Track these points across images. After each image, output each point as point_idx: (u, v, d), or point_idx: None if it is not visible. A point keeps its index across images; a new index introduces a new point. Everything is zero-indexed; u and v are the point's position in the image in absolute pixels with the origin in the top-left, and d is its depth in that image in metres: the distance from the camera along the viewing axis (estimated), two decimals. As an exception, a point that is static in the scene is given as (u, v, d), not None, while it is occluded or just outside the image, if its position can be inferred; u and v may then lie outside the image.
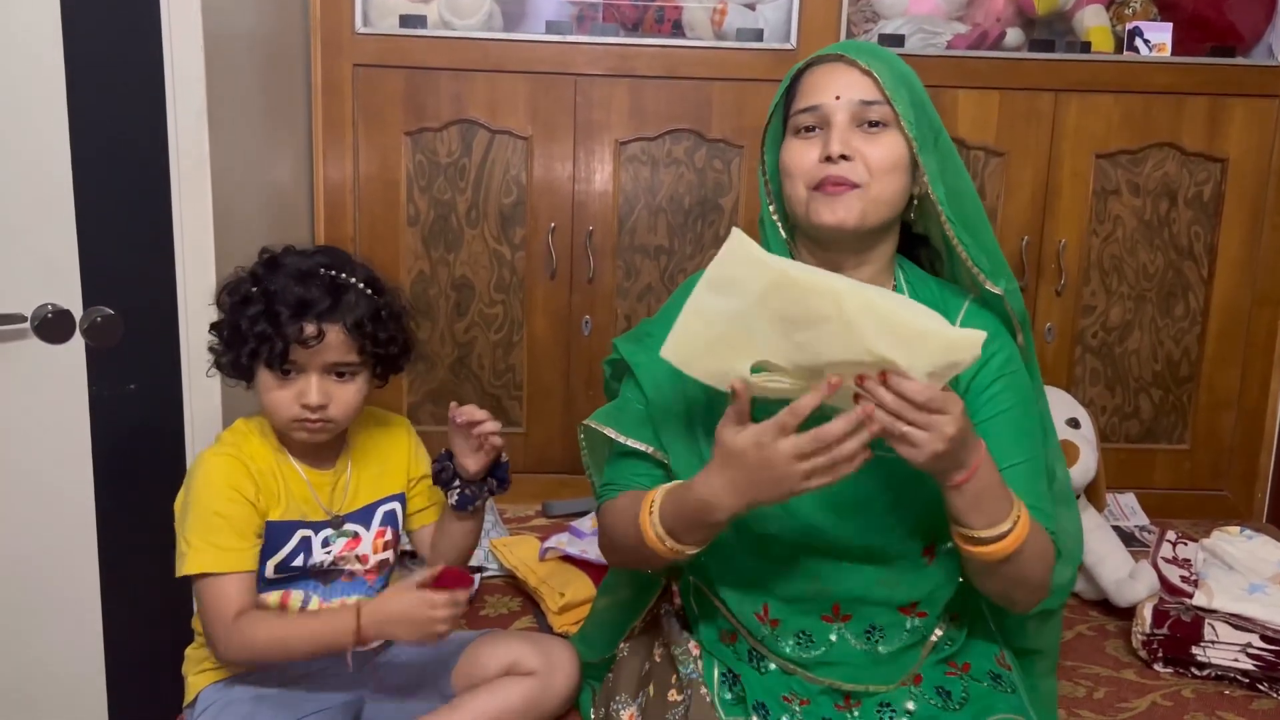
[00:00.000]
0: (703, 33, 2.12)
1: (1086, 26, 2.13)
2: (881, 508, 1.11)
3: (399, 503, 1.34)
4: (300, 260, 1.22)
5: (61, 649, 1.51)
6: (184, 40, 1.44)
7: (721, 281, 1.00)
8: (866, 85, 1.11)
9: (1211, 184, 2.12)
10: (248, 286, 1.21)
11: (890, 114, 1.11)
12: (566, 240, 2.09)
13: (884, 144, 1.11)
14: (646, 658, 1.26)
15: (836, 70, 1.13)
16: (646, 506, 1.09)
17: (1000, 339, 1.17)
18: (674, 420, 1.18)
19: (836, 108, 1.11)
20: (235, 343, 1.20)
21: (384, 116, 2.03)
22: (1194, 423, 2.21)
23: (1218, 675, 1.53)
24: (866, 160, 1.10)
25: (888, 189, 1.11)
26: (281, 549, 1.24)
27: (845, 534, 1.12)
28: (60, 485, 1.47)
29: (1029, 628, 1.27)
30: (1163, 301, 2.17)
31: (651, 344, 1.20)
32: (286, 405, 1.21)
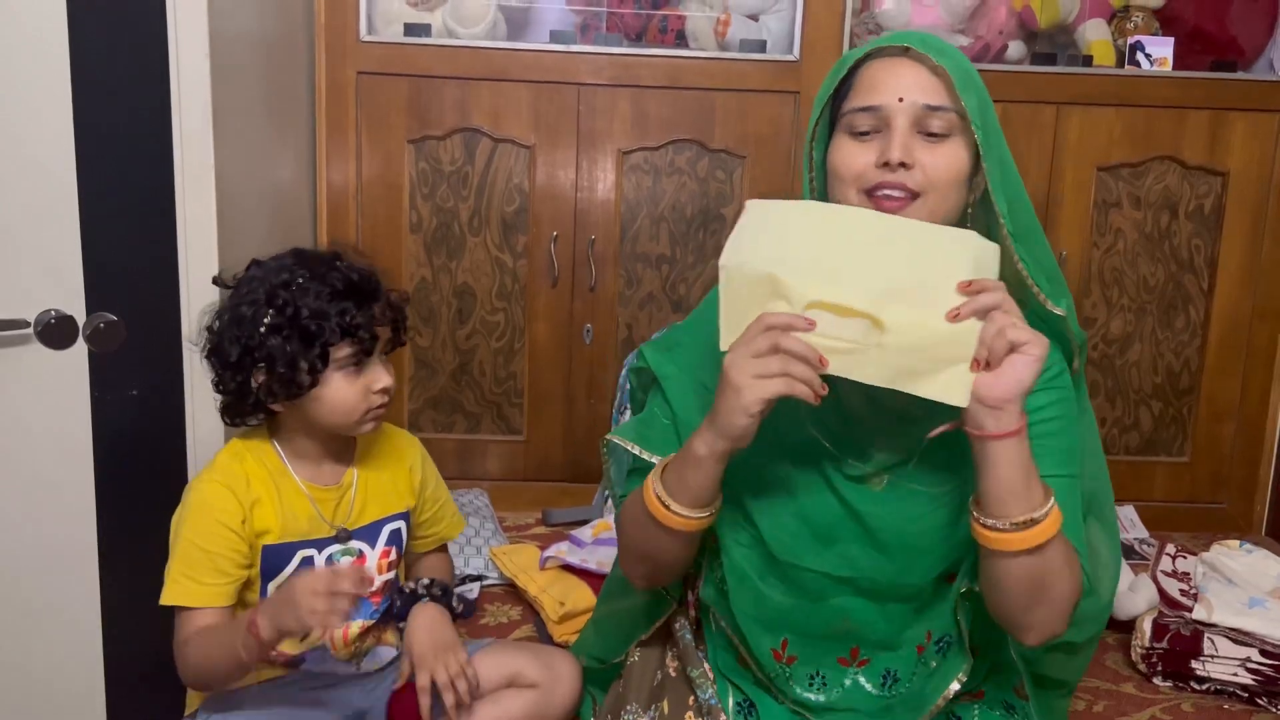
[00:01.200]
0: (706, 43, 2.12)
1: (1088, 40, 2.14)
2: (920, 542, 1.05)
3: (404, 521, 1.32)
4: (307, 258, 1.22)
5: (61, 655, 1.50)
6: (190, 45, 1.44)
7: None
8: (934, 86, 1.00)
9: (1212, 197, 2.13)
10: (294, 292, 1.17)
11: (955, 120, 1.00)
12: (569, 248, 2.09)
13: (947, 153, 1.00)
14: (658, 667, 1.23)
15: (900, 66, 1.02)
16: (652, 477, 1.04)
17: (1055, 356, 1.08)
18: None
19: (899, 110, 1.00)
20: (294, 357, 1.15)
21: (387, 124, 2.04)
22: (1194, 435, 2.22)
23: (1217, 689, 1.53)
24: (927, 170, 1.00)
25: (946, 201, 1.01)
26: (282, 571, 1.22)
27: (884, 571, 1.07)
28: (62, 491, 1.47)
29: (1057, 659, 1.22)
30: (1163, 314, 2.17)
31: (681, 354, 1.15)
32: (358, 399, 1.20)
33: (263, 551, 1.21)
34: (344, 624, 1.16)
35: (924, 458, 1.04)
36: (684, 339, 1.16)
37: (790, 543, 1.07)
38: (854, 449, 1.03)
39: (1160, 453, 2.23)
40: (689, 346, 1.13)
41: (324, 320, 1.16)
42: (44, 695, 1.50)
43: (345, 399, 1.19)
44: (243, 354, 1.17)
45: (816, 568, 1.08)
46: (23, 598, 1.48)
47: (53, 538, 1.47)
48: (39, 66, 1.37)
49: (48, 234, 1.41)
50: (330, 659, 1.27)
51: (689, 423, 1.10)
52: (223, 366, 1.19)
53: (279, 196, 1.89)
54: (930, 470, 1.05)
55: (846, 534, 1.07)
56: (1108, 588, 1.21)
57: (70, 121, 1.39)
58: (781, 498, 1.08)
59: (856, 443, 1.03)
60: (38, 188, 1.39)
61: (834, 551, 1.07)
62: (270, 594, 1.19)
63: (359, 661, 1.30)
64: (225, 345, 1.19)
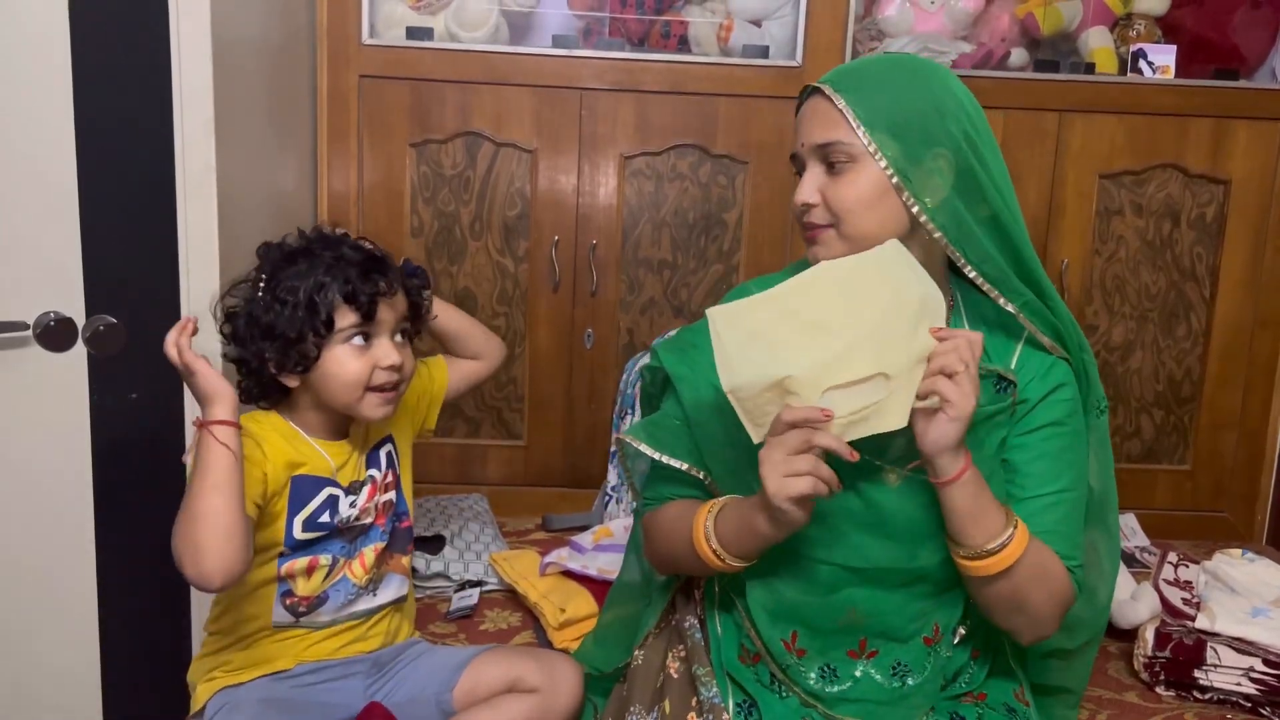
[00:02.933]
0: (708, 48, 2.12)
1: (1091, 48, 2.14)
2: (928, 529, 1.09)
3: (391, 444, 1.37)
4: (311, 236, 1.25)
5: (58, 656, 1.50)
6: (192, 49, 1.43)
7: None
8: (830, 122, 1.08)
9: (1214, 205, 2.13)
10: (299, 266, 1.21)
11: (858, 148, 1.07)
12: (570, 253, 2.09)
13: (848, 181, 1.08)
14: (661, 669, 1.23)
15: (808, 108, 1.12)
16: (702, 518, 1.10)
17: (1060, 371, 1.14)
18: (715, 439, 1.15)
19: (806, 153, 1.11)
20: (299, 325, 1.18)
21: (389, 127, 2.03)
22: (1195, 443, 2.21)
23: (1220, 699, 1.52)
24: (832, 202, 1.09)
25: (864, 224, 1.08)
26: (309, 504, 1.24)
27: (892, 558, 1.10)
28: (60, 493, 1.46)
29: (1053, 665, 1.25)
30: (1165, 322, 2.17)
31: (696, 356, 1.18)
32: (361, 372, 1.21)
33: (292, 483, 1.23)
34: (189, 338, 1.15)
35: None
36: (698, 340, 1.18)
37: (805, 535, 1.08)
38: (871, 445, 1.05)
39: (1161, 461, 2.23)
40: (703, 348, 1.15)
41: (325, 289, 1.19)
42: (41, 696, 1.50)
43: (348, 371, 1.21)
44: (250, 327, 1.21)
45: (830, 560, 1.11)
46: (21, 600, 1.47)
47: (51, 540, 1.47)
48: (41, 70, 1.36)
49: (48, 236, 1.40)
50: (351, 589, 1.30)
51: (701, 423, 1.15)
52: (234, 341, 1.23)
53: (280, 200, 1.88)
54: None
55: (858, 525, 1.10)
56: (1104, 595, 1.24)
57: (71, 124, 1.39)
58: None
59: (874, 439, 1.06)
60: (38, 190, 1.39)
61: (846, 543, 1.10)
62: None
63: (375, 589, 1.33)
64: (237, 323, 1.23)
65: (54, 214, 1.40)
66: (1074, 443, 1.14)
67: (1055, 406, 1.13)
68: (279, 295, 1.20)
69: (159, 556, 1.25)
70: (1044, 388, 1.13)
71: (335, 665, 1.29)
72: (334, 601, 1.29)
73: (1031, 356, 1.15)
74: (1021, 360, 1.15)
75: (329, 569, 1.28)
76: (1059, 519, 1.11)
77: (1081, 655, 1.27)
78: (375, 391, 1.23)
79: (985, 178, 1.09)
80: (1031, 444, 1.12)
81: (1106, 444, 1.24)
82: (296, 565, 1.25)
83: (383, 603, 1.34)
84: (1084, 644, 1.26)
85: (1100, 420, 1.21)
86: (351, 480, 1.30)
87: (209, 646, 1.30)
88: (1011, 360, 1.14)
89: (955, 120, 1.08)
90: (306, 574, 1.27)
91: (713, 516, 1.10)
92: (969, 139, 1.08)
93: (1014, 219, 1.11)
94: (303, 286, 1.19)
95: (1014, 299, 1.12)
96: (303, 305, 1.19)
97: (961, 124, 1.08)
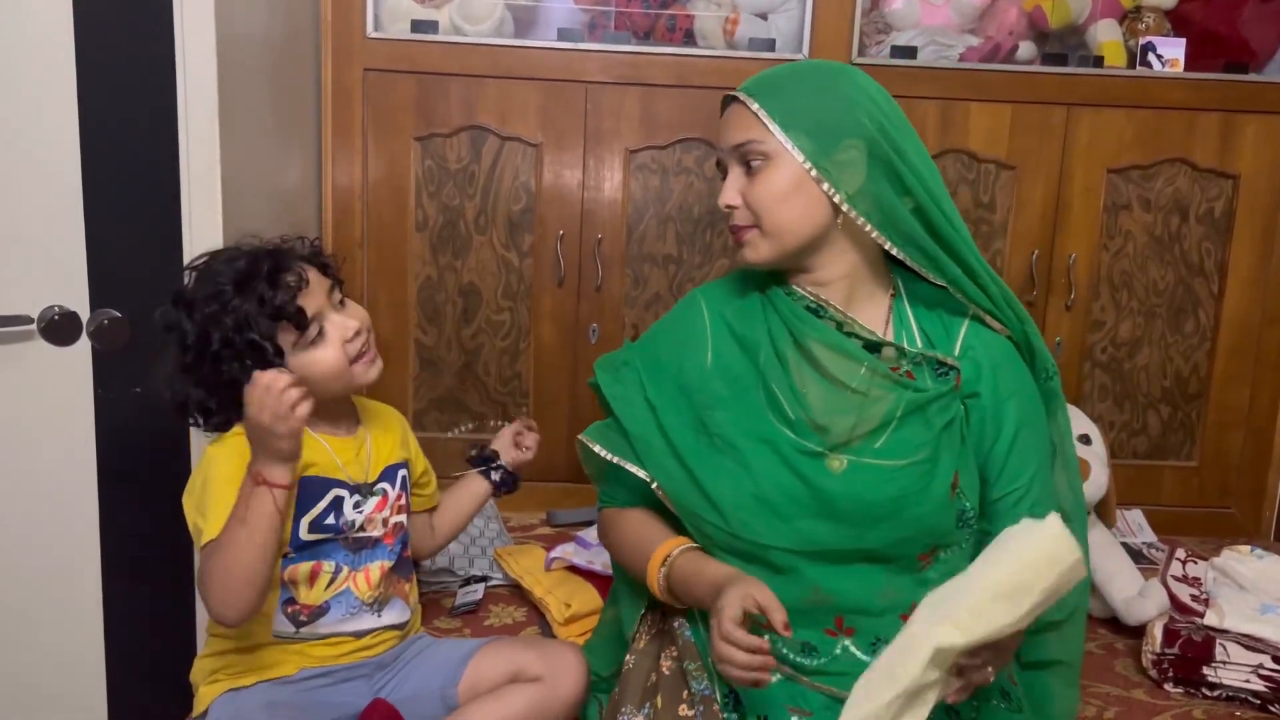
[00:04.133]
0: (714, 42, 2.11)
1: (1099, 41, 2.13)
2: (878, 513, 1.13)
3: (406, 469, 1.38)
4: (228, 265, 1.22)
5: (63, 652, 1.50)
6: (196, 44, 1.43)
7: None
8: (747, 124, 1.16)
9: (1223, 200, 2.11)
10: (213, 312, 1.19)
11: (773, 144, 1.14)
12: (575, 248, 2.08)
13: (763, 180, 1.15)
14: (653, 669, 1.24)
15: (726, 117, 1.20)
16: (656, 565, 1.18)
17: (1003, 356, 1.21)
18: (657, 450, 1.22)
19: (726, 157, 1.20)
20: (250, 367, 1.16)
21: (394, 122, 2.03)
22: (1202, 440, 2.20)
23: (1229, 696, 1.51)
24: (752, 201, 1.16)
25: (783, 218, 1.16)
26: (315, 505, 1.24)
27: (841, 539, 1.14)
28: (64, 487, 1.46)
29: (1045, 640, 1.27)
30: (1172, 318, 2.16)
31: (628, 373, 1.27)
32: (339, 360, 1.22)
33: (300, 483, 1.22)
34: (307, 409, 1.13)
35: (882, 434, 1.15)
36: (632, 359, 1.28)
37: (751, 522, 1.15)
38: (810, 431, 1.15)
39: (1169, 457, 2.22)
40: (632, 365, 1.27)
41: (250, 321, 1.17)
42: (45, 693, 1.50)
43: (326, 367, 1.22)
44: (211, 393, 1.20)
45: (778, 544, 1.15)
46: (25, 595, 1.47)
47: (55, 534, 1.47)
48: (45, 66, 1.36)
49: (53, 231, 1.40)
50: (355, 605, 1.29)
51: (639, 437, 1.23)
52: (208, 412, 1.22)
53: (285, 193, 1.88)
54: (889, 446, 1.15)
55: (803, 510, 1.14)
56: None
57: (76, 120, 1.38)
58: (742, 479, 1.16)
59: (816, 425, 1.15)
60: (43, 185, 1.39)
61: (791, 527, 1.15)
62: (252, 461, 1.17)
63: (379, 609, 1.32)
64: (196, 397, 1.21)
65: (59, 208, 1.40)
66: (1032, 422, 1.21)
67: (1008, 403, 1.20)
68: (216, 357, 1.18)
69: (163, 550, 1.25)
70: (991, 383, 1.19)
71: (339, 669, 1.28)
72: (335, 613, 1.28)
73: (978, 336, 1.21)
74: (967, 342, 1.21)
75: (332, 576, 1.27)
76: (1033, 504, 1.19)
77: (1072, 624, 1.29)
78: (358, 361, 1.25)
79: (902, 164, 1.15)
80: (999, 449, 1.19)
81: (1062, 404, 1.29)
82: (300, 570, 1.24)
83: (385, 624, 1.32)
84: (1073, 610, 1.28)
85: (1051, 384, 1.27)
86: (359, 480, 1.29)
87: (211, 647, 1.29)
88: (955, 345, 1.21)
89: (866, 112, 1.15)
90: (309, 581, 1.26)
91: (666, 568, 1.18)
92: (882, 129, 1.15)
93: (935, 202, 1.17)
94: (230, 338, 1.17)
95: (942, 276, 1.19)
96: (245, 350, 1.17)
97: (873, 115, 1.15)
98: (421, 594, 1.56)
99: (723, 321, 1.24)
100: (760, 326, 1.22)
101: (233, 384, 1.18)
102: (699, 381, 1.22)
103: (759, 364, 1.20)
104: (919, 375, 1.18)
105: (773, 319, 1.21)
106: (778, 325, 1.20)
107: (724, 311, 1.25)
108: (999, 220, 2.10)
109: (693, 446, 1.19)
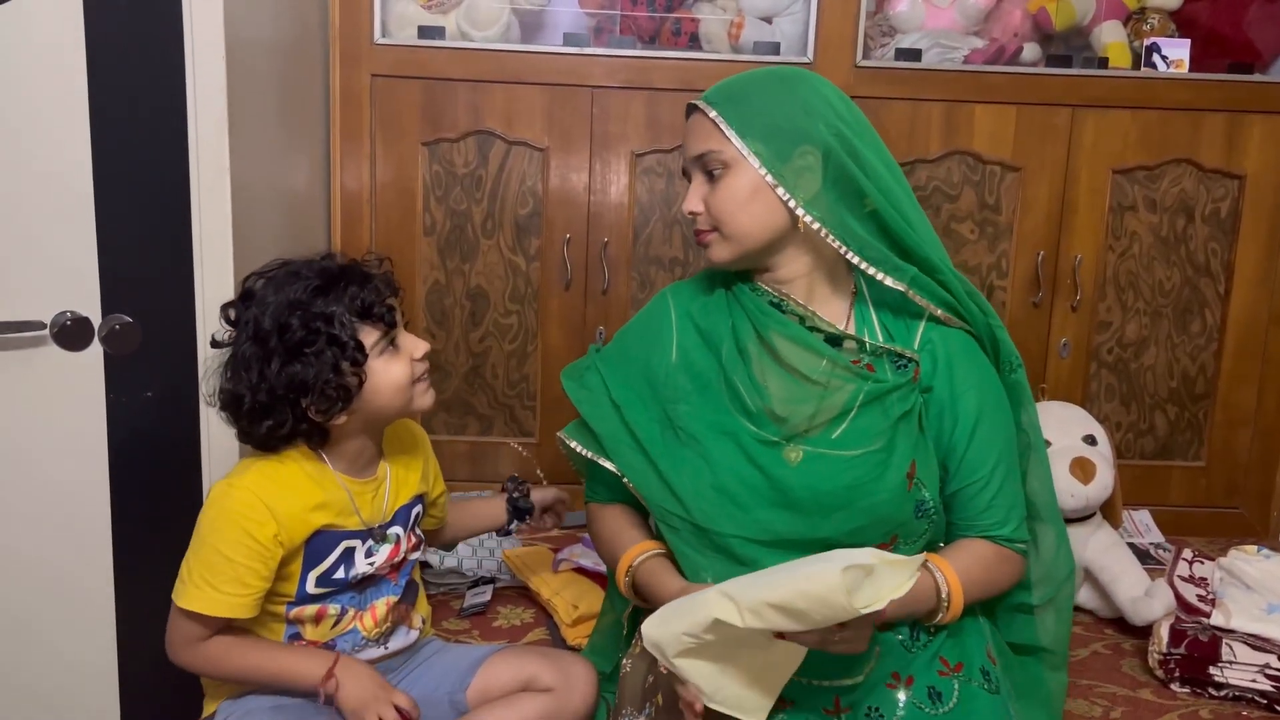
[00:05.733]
0: (719, 46, 2.12)
1: (1104, 42, 2.13)
2: (833, 502, 1.16)
3: (421, 503, 1.37)
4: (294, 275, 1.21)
5: (76, 653, 1.51)
6: (206, 50, 1.44)
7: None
8: (707, 133, 1.19)
9: (1229, 200, 2.11)
10: (301, 309, 1.17)
11: (732, 153, 1.17)
12: (581, 251, 2.09)
13: (724, 187, 1.18)
14: (650, 670, 1.25)
15: (689, 126, 1.23)
16: (625, 564, 1.24)
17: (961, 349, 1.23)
18: (624, 446, 1.25)
19: (689, 165, 1.23)
20: (330, 359, 1.16)
21: (401, 126, 2.04)
22: (1210, 440, 2.20)
23: (1235, 696, 1.51)
24: (710, 208, 1.19)
25: (743, 223, 1.18)
26: (325, 560, 1.23)
27: (797, 529, 1.16)
28: (77, 491, 1.47)
29: (1021, 620, 1.30)
30: (1179, 318, 2.16)
31: (591, 377, 1.32)
32: (406, 375, 1.22)
33: (309, 540, 1.21)
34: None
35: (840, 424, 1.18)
36: (595, 363, 1.33)
37: (711, 511, 1.18)
38: (769, 422, 1.19)
39: (1176, 457, 2.22)
40: (596, 370, 1.32)
41: (336, 318, 1.17)
42: (58, 695, 1.51)
43: (395, 379, 1.21)
44: (272, 397, 1.16)
45: (737, 533, 1.18)
46: (39, 597, 1.48)
47: (67, 538, 1.48)
48: (56, 71, 1.37)
49: (64, 236, 1.41)
50: (360, 640, 1.28)
51: (607, 434, 1.27)
52: (261, 414, 1.18)
53: (294, 200, 1.89)
54: (845, 436, 1.17)
55: (762, 500, 1.17)
56: (1049, 543, 1.31)
57: (87, 126, 1.39)
58: (702, 471, 1.19)
59: (775, 415, 1.18)
60: (54, 191, 1.40)
61: (750, 517, 1.17)
62: (350, 665, 1.23)
63: (385, 641, 1.31)
64: (254, 395, 1.17)
65: (70, 215, 1.41)
66: (992, 413, 1.23)
67: (966, 395, 1.22)
68: (292, 350, 1.16)
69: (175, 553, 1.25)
70: (946, 377, 1.22)
71: None
72: (340, 649, 1.27)
73: (935, 332, 1.23)
74: (925, 337, 1.23)
75: (337, 618, 1.26)
76: (993, 494, 1.22)
77: (1051, 611, 1.31)
78: (419, 382, 1.25)
79: (858, 170, 1.17)
80: (957, 441, 1.22)
81: (1028, 395, 1.31)
82: (305, 612, 1.24)
83: (391, 651, 1.32)
84: (1050, 598, 1.30)
85: (1016, 376, 1.29)
86: (372, 523, 1.27)
87: None
88: (914, 339, 1.23)
89: (824, 119, 1.17)
90: (315, 621, 1.25)
91: (630, 577, 1.24)
92: (839, 134, 1.17)
93: (894, 205, 1.19)
94: (315, 327, 1.16)
95: (900, 277, 1.20)
96: (326, 344, 1.16)
97: (831, 122, 1.17)
98: (430, 596, 1.57)
99: (688, 318, 1.28)
100: (724, 321, 1.25)
101: (296, 386, 1.16)
102: (664, 376, 1.25)
103: (721, 358, 1.23)
104: (879, 368, 1.20)
105: (737, 313, 1.24)
106: (741, 319, 1.23)
107: (690, 308, 1.29)
108: (1004, 222, 2.10)
109: (657, 440, 1.23)
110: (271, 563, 1.18)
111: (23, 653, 1.49)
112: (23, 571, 1.47)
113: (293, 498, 1.20)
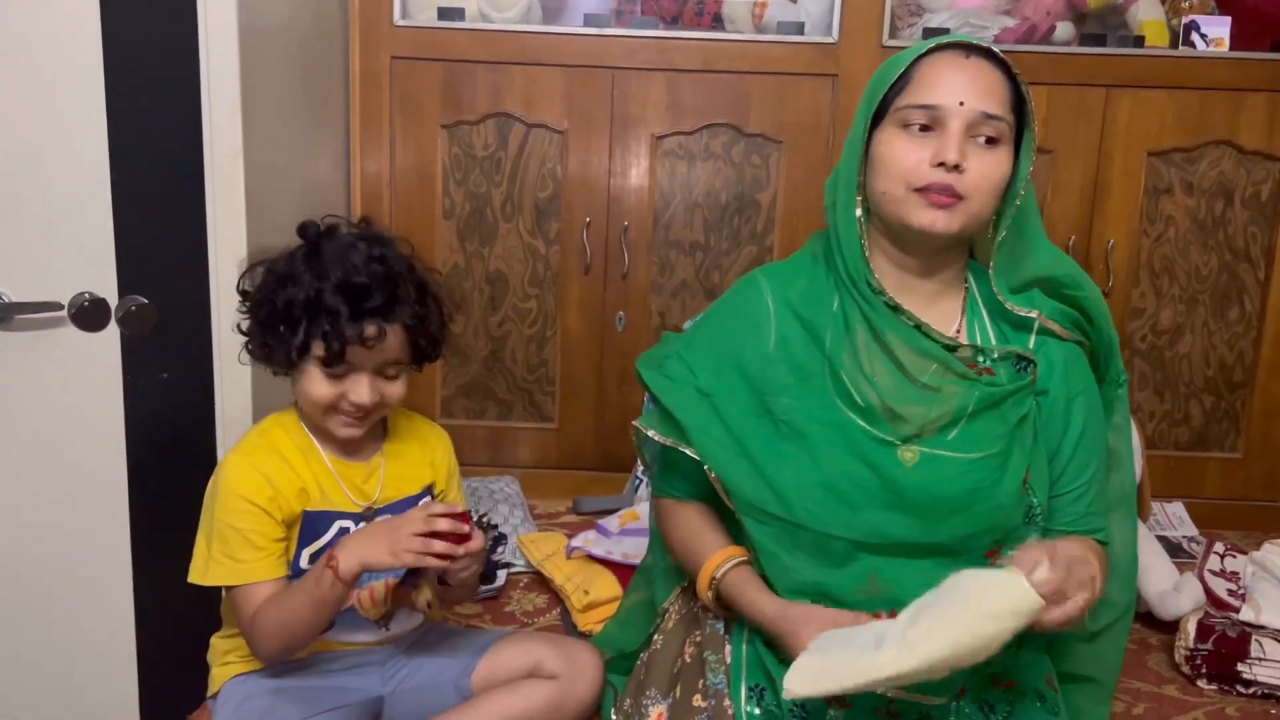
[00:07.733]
0: (743, 26, 2.09)
1: (1140, 20, 2.07)
2: (951, 506, 1.09)
3: (429, 496, 1.33)
4: (347, 249, 1.18)
5: (93, 634, 1.53)
6: (220, 32, 1.44)
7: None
8: (992, 93, 1.07)
9: (1270, 184, 2.05)
10: (299, 273, 1.15)
11: (1005, 130, 1.07)
12: (601, 235, 2.07)
13: (995, 160, 1.08)
14: (679, 653, 1.23)
15: (962, 69, 1.08)
16: (709, 573, 1.17)
17: (1073, 356, 1.18)
18: (714, 438, 1.17)
19: (957, 113, 1.06)
20: (280, 336, 1.16)
21: (421, 109, 2.03)
22: (1247, 431, 2.14)
23: (1264, 694, 1.47)
24: (974, 175, 1.06)
25: (987, 207, 1.09)
26: (319, 539, 1.23)
27: (910, 532, 1.10)
28: (94, 471, 1.49)
29: (1079, 651, 1.23)
30: (1216, 304, 2.09)
31: (674, 366, 1.23)
32: (328, 399, 1.18)
33: (302, 517, 1.21)
34: (438, 567, 1.14)
35: (955, 426, 1.11)
36: (676, 350, 1.25)
37: (816, 510, 1.10)
38: (882, 420, 1.10)
39: (1212, 448, 2.16)
40: (679, 357, 1.23)
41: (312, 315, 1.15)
42: (77, 674, 1.53)
43: (316, 392, 1.18)
44: (257, 308, 1.21)
45: (844, 534, 1.11)
46: (55, 578, 1.50)
47: (85, 518, 1.50)
48: (73, 56, 1.38)
49: (82, 219, 1.42)
50: (358, 620, 1.28)
51: (694, 425, 1.18)
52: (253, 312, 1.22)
53: (312, 182, 1.89)
54: (961, 439, 1.10)
55: (874, 501, 1.10)
56: (1124, 564, 1.25)
57: (103, 110, 1.40)
58: (807, 467, 1.11)
59: (888, 411, 1.10)
60: (72, 174, 1.41)
61: (860, 518, 1.10)
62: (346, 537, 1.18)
63: (386, 623, 1.30)
64: (253, 293, 1.22)
65: (87, 197, 1.42)
66: (1096, 421, 1.19)
67: (1078, 400, 1.17)
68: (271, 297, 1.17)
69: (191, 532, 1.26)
70: (1061, 382, 1.16)
71: (351, 655, 1.28)
72: (340, 629, 1.26)
73: (1047, 336, 1.18)
74: (1039, 340, 1.18)
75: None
76: (1090, 502, 1.18)
77: (1109, 639, 1.25)
78: (340, 415, 1.20)
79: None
80: (1065, 446, 1.16)
81: (1127, 415, 1.27)
82: None
83: (394, 634, 1.30)
84: (1110, 624, 1.24)
85: (1120, 393, 1.24)
86: (364, 503, 1.26)
87: (226, 630, 1.31)
88: (1029, 340, 1.18)
89: None
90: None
91: (713, 591, 1.17)
92: None
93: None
94: (297, 299, 1.15)
95: (1033, 269, 1.16)
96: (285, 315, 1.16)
97: None
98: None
99: (787, 305, 1.18)
100: (828, 311, 1.15)
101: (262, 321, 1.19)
102: (761, 366, 1.16)
103: (824, 349, 1.14)
104: (998, 370, 1.14)
105: (848, 304, 1.14)
106: (853, 310, 1.14)
107: (788, 295, 1.18)
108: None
109: (754, 433, 1.14)
110: (276, 519, 1.19)
111: (41, 631, 1.51)
112: (41, 550, 1.49)
113: (281, 463, 1.22)
